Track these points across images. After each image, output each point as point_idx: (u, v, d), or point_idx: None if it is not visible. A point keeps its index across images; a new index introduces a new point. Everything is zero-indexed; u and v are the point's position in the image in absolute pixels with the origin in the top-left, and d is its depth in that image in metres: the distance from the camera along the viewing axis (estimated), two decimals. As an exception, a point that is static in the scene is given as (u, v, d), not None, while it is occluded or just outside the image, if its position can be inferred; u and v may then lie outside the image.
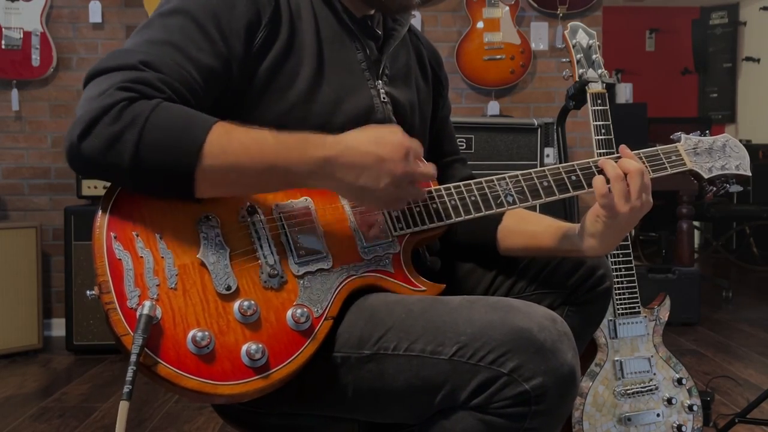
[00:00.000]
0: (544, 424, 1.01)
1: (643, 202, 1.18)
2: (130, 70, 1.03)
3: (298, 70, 1.19)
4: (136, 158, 0.98)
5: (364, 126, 1.12)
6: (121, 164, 0.98)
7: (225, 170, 1.02)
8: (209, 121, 1.03)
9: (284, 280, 1.07)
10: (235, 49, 1.13)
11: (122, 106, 0.99)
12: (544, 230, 1.31)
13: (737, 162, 1.37)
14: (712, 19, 6.85)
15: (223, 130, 1.02)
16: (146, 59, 1.04)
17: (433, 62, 1.49)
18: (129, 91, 1.00)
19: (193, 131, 1.01)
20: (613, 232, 1.20)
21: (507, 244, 1.37)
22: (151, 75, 1.03)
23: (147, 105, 1.00)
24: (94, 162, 0.99)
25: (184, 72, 1.07)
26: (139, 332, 0.94)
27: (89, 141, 0.98)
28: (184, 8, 1.11)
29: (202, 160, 1.00)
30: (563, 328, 1.03)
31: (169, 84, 1.04)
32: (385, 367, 1.06)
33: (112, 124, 0.98)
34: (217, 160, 1.01)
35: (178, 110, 1.02)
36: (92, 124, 0.98)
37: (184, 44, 1.09)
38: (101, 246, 1.01)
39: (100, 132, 0.98)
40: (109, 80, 1.01)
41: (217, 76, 1.12)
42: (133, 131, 0.98)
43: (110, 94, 0.99)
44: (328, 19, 1.26)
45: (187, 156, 1.00)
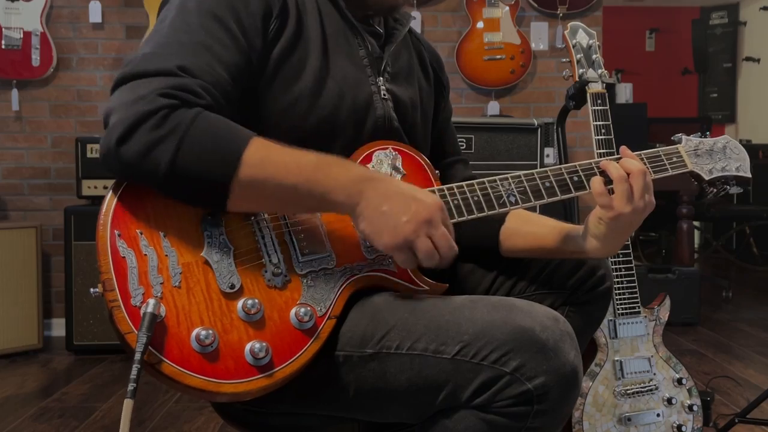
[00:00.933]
0: (546, 424, 1.01)
1: (645, 203, 1.18)
2: (170, 76, 1.02)
3: (305, 63, 1.19)
4: (173, 165, 0.98)
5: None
6: (158, 170, 0.98)
7: (262, 182, 1.02)
8: (248, 133, 1.03)
9: (288, 279, 1.07)
10: (255, 43, 1.14)
11: (164, 113, 0.99)
12: (548, 232, 1.31)
13: (737, 164, 1.38)
14: (712, 19, 6.85)
15: (261, 144, 1.03)
16: (183, 64, 1.04)
17: (435, 64, 1.50)
18: (171, 98, 1.00)
19: (233, 141, 1.01)
20: (617, 233, 1.21)
21: (510, 246, 1.37)
22: (191, 81, 1.03)
23: (188, 113, 1.00)
24: (131, 167, 0.99)
25: (217, 74, 1.07)
26: (143, 330, 0.94)
27: (128, 146, 0.98)
28: (203, 6, 1.12)
29: (240, 170, 1.00)
30: (566, 327, 1.03)
31: (207, 90, 1.05)
32: (387, 367, 1.06)
33: (153, 130, 0.98)
34: (256, 171, 1.01)
35: (218, 120, 1.03)
36: (132, 129, 0.98)
37: (212, 44, 1.09)
38: (105, 244, 1.01)
39: (141, 138, 0.98)
40: (149, 85, 1.01)
41: (242, 72, 1.12)
42: (174, 139, 0.98)
43: (151, 100, 0.99)
44: (331, 14, 1.27)
45: (226, 165, 1.00)
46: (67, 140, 3.68)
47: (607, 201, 1.17)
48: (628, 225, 1.20)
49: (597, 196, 1.17)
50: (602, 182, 1.18)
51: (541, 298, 1.34)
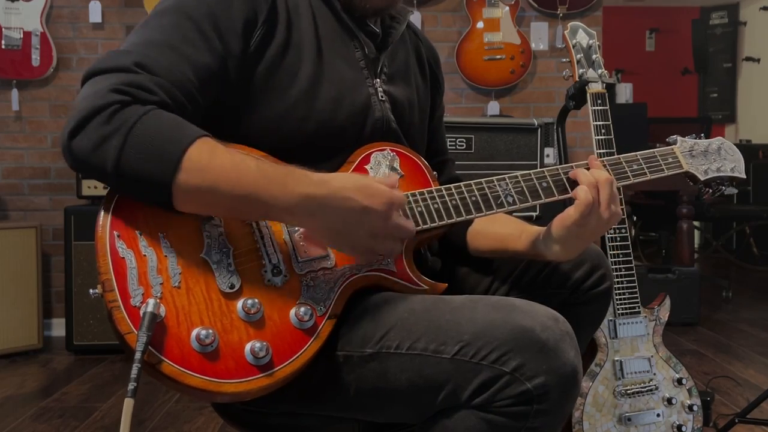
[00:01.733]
0: (545, 423, 1.01)
1: (611, 213, 1.19)
2: (125, 72, 1.02)
3: (298, 68, 1.19)
4: (118, 163, 0.98)
5: (351, 173, 1.12)
6: (105, 167, 0.98)
7: (201, 190, 1.00)
8: (193, 135, 1.01)
9: (287, 278, 1.07)
10: (232, 47, 1.13)
11: (114, 109, 0.99)
12: (510, 233, 1.32)
13: (732, 165, 1.39)
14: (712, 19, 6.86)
15: (206, 148, 1.01)
16: (141, 61, 1.04)
17: (432, 61, 1.50)
18: (122, 94, 1.00)
19: (175, 144, 0.99)
20: (579, 240, 1.21)
21: (475, 246, 1.39)
22: (145, 78, 1.03)
23: (137, 110, 0.99)
24: (82, 160, 1.00)
25: (179, 73, 1.07)
26: (143, 330, 0.94)
27: (79, 139, 0.98)
28: (180, 7, 1.11)
29: (178, 176, 0.99)
30: (566, 327, 1.03)
31: (163, 87, 1.04)
32: (387, 366, 1.06)
33: (101, 127, 0.98)
34: (194, 178, 0.99)
35: (166, 119, 1.01)
36: (83, 123, 0.98)
37: (180, 44, 1.08)
38: (104, 244, 1.01)
39: (89, 132, 0.98)
40: (105, 81, 1.01)
41: (213, 75, 1.11)
42: (119, 136, 0.98)
43: (103, 96, 0.99)
44: (326, 17, 1.26)
45: (165, 169, 0.98)
46: (67, 140, 3.67)
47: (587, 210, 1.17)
48: (592, 233, 1.20)
49: (584, 206, 1.17)
50: (588, 192, 1.18)
51: (541, 297, 1.33)
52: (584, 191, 1.18)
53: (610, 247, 1.90)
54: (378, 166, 1.24)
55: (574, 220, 1.18)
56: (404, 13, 1.38)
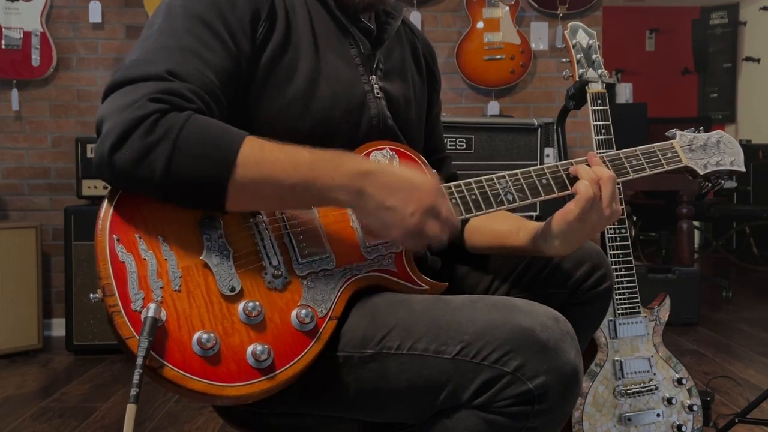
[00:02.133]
0: (546, 423, 1.01)
1: (612, 210, 1.19)
2: (159, 81, 1.02)
3: (296, 66, 1.19)
4: (168, 170, 0.98)
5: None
6: (153, 176, 0.98)
7: (258, 182, 1.02)
8: (242, 134, 1.03)
9: (288, 280, 1.07)
10: (243, 46, 1.13)
11: (155, 118, 0.98)
12: (508, 229, 1.32)
13: (731, 158, 1.39)
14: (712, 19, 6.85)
15: (256, 144, 1.03)
16: (172, 68, 1.04)
17: (428, 57, 1.50)
18: (161, 103, 1.00)
19: (226, 142, 1.01)
20: (579, 235, 1.21)
21: (473, 242, 1.39)
22: (180, 85, 1.03)
23: (180, 117, 0.99)
24: (126, 174, 0.99)
25: (206, 78, 1.07)
26: (144, 335, 0.94)
27: (121, 153, 0.97)
28: (190, 10, 1.11)
29: (236, 171, 1.00)
30: (566, 327, 1.03)
31: (197, 93, 1.04)
32: (387, 367, 1.06)
33: (145, 136, 0.97)
34: (251, 171, 1.01)
35: (209, 122, 1.02)
36: (125, 136, 0.97)
37: (200, 49, 1.08)
38: (104, 248, 1.00)
39: (133, 144, 0.97)
40: (139, 91, 1.00)
41: (231, 76, 1.12)
42: (167, 143, 0.97)
43: (141, 105, 0.98)
44: (321, 15, 1.26)
45: (221, 167, 0.99)
46: (67, 140, 3.68)
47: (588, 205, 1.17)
48: (591, 229, 1.21)
49: (585, 201, 1.17)
50: (589, 187, 1.18)
51: (541, 297, 1.33)
52: (585, 185, 1.18)
53: (610, 247, 1.90)
54: None
55: (575, 215, 1.18)
56: (399, 9, 1.37)
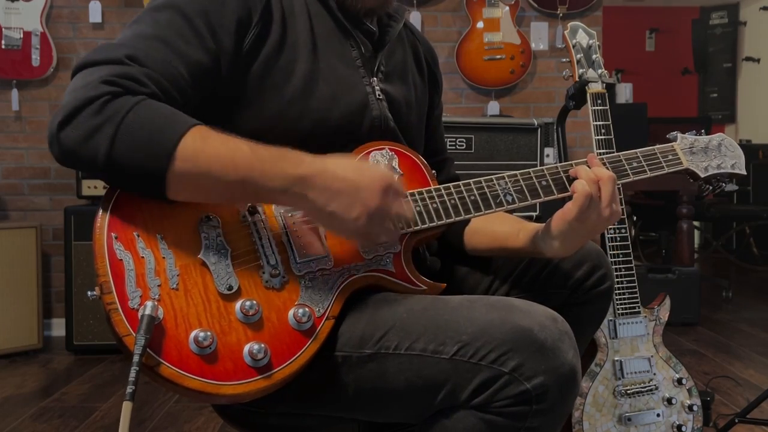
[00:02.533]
0: (544, 423, 1.01)
1: (612, 211, 1.19)
2: (116, 64, 1.03)
3: (293, 67, 1.19)
4: (110, 154, 0.98)
5: (348, 155, 1.12)
6: (96, 158, 0.98)
7: (196, 176, 1.01)
8: (187, 123, 1.02)
9: (286, 280, 1.07)
10: (225, 44, 1.13)
11: (105, 99, 0.99)
12: (508, 230, 1.32)
13: (733, 161, 1.39)
14: (712, 19, 6.85)
15: (199, 135, 1.01)
16: (132, 53, 1.05)
17: (429, 59, 1.50)
18: (113, 86, 1.00)
19: (168, 132, 1.00)
20: (578, 236, 1.21)
21: (473, 244, 1.39)
22: (137, 70, 1.03)
23: (129, 101, 1.00)
24: (71, 152, 0.99)
25: (171, 67, 1.07)
26: (141, 333, 0.94)
27: (68, 131, 0.98)
28: (173, 3, 1.12)
29: (173, 163, 0.99)
30: (564, 327, 1.03)
31: (154, 79, 1.04)
32: (386, 367, 1.06)
33: (92, 117, 0.98)
34: (189, 165, 1.00)
35: (158, 108, 1.02)
36: (73, 114, 0.98)
37: (172, 39, 1.09)
38: (102, 246, 1.00)
39: (80, 123, 0.98)
40: (95, 73, 1.02)
41: (205, 72, 1.11)
42: (111, 126, 0.98)
43: (94, 87, 0.99)
44: (322, 16, 1.26)
45: (159, 157, 0.99)
46: (67, 140, 3.68)
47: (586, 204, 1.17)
48: (591, 230, 1.20)
49: (583, 198, 1.16)
50: (586, 186, 1.17)
51: (541, 297, 1.33)
52: (582, 184, 1.17)
53: (610, 247, 1.90)
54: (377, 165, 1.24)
55: (573, 214, 1.17)
56: (401, 12, 1.38)
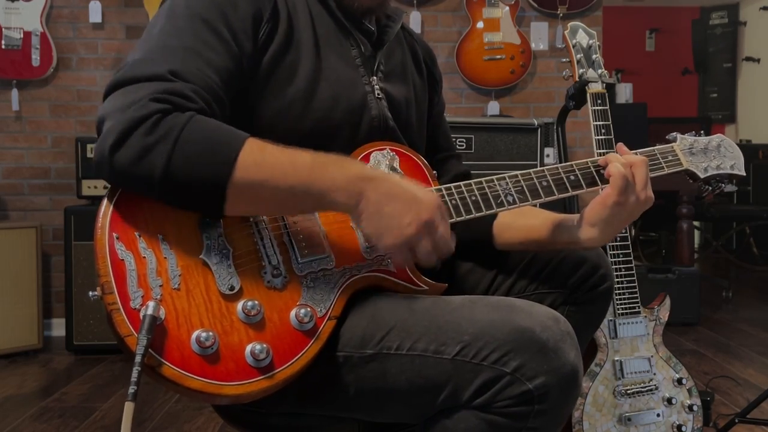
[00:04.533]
0: (546, 424, 1.01)
1: (647, 196, 1.21)
2: (161, 81, 1.02)
3: (297, 66, 1.19)
4: (168, 170, 0.97)
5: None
6: (153, 176, 0.98)
7: (258, 185, 1.01)
8: (242, 135, 1.02)
9: (287, 280, 1.07)
10: (245, 47, 1.13)
11: (157, 118, 0.98)
12: (541, 223, 1.32)
13: (732, 162, 1.39)
14: (712, 19, 6.85)
15: (256, 145, 1.02)
16: (174, 68, 1.04)
17: (428, 59, 1.50)
18: (163, 103, 0.99)
19: (227, 144, 1.00)
20: (615, 222, 1.22)
21: (504, 240, 1.38)
22: (182, 86, 1.03)
23: (181, 118, 0.99)
24: (125, 173, 0.99)
25: (208, 78, 1.07)
26: (143, 333, 0.94)
27: (122, 152, 0.97)
28: (191, 9, 1.11)
29: (235, 173, 0.99)
30: (566, 327, 1.03)
31: (199, 94, 1.04)
32: (387, 367, 1.06)
33: (146, 136, 0.97)
34: (251, 174, 1.00)
35: (211, 123, 1.02)
36: (126, 134, 0.97)
37: (201, 48, 1.08)
38: (103, 247, 1.00)
39: (134, 143, 0.97)
40: (141, 91, 1.00)
41: (232, 76, 1.12)
42: (167, 143, 0.97)
43: (143, 105, 0.98)
44: (322, 16, 1.26)
45: (221, 168, 0.99)
46: (67, 140, 3.68)
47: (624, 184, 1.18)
48: (628, 215, 1.21)
49: (620, 178, 1.18)
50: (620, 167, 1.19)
51: (542, 297, 1.34)
52: (616, 167, 1.19)
53: (610, 247, 1.90)
54: (378, 165, 1.24)
55: (614, 198, 1.19)
56: (399, 13, 1.38)
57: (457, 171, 1.48)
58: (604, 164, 1.23)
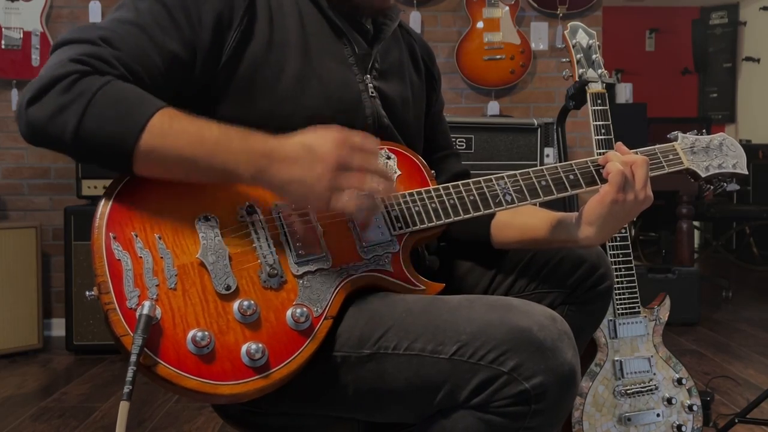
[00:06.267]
0: (543, 423, 1.01)
1: (647, 195, 1.21)
2: (88, 44, 1.05)
3: (283, 66, 1.19)
4: (77, 130, 0.99)
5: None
6: (64, 135, 0.99)
7: (163, 152, 1.02)
8: (156, 104, 1.03)
9: (284, 279, 1.07)
10: (202, 39, 1.13)
11: (74, 78, 1.00)
12: (539, 222, 1.32)
13: (734, 161, 1.38)
14: (712, 19, 6.85)
15: (167, 115, 1.03)
16: (107, 36, 1.06)
17: (426, 58, 1.50)
18: (82, 64, 1.02)
19: (137, 111, 1.01)
20: (614, 220, 1.21)
21: (501, 238, 1.38)
22: (107, 51, 1.05)
23: (97, 80, 1.01)
24: (38, 129, 1.01)
25: (143, 54, 1.08)
26: (138, 332, 0.94)
27: (36, 107, 1.00)
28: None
29: (141, 141, 1.00)
30: (563, 327, 1.03)
31: (123, 62, 1.06)
32: (385, 367, 1.06)
33: (61, 94, 0.99)
34: (156, 141, 1.01)
35: (127, 88, 1.03)
36: (43, 92, 1.00)
37: (151, 27, 1.10)
38: (100, 246, 1.01)
39: (48, 101, 1.00)
40: (67, 52, 1.04)
41: (180, 64, 1.12)
42: (80, 104, 0.99)
43: (63, 65, 1.01)
44: (312, 14, 1.26)
45: (128, 133, 1.00)
46: (66, 140, 3.67)
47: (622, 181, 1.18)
48: (626, 213, 1.21)
49: (617, 175, 1.18)
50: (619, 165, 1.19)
51: (541, 296, 1.34)
52: (615, 165, 1.19)
53: (610, 247, 1.90)
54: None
55: (612, 196, 1.19)
56: (395, 11, 1.38)
57: (455, 170, 1.48)
58: (603, 163, 1.23)
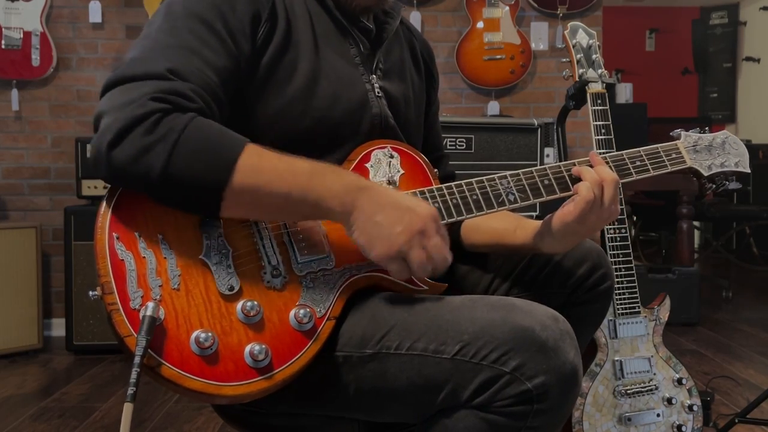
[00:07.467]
0: (545, 423, 1.01)
1: (612, 212, 1.20)
2: (160, 80, 1.02)
3: (296, 65, 1.19)
4: (166, 170, 0.97)
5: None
6: (151, 175, 0.97)
7: (255, 189, 1.01)
8: (242, 139, 1.03)
9: (287, 280, 1.07)
10: (243, 47, 1.13)
11: (157, 117, 0.98)
12: (506, 228, 1.32)
13: (737, 159, 1.38)
14: (712, 19, 6.85)
15: (255, 150, 1.02)
16: (173, 67, 1.03)
17: (426, 56, 1.50)
18: (163, 102, 0.99)
19: (226, 147, 1.00)
20: (576, 235, 1.22)
21: (471, 240, 1.39)
22: (182, 85, 1.02)
23: (182, 119, 0.99)
24: (122, 171, 0.98)
25: (207, 78, 1.07)
26: (142, 333, 0.94)
27: (119, 150, 0.97)
28: (190, 9, 1.11)
29: (233, 177, 0.99)
30: (565, 326, 1.03)
31: (199, 93, 1.04)
32: (387, 367, 1.06)
33: (145, 135, 0.97)
34: (249, 179, 1.00)
35: (212, 126, 1.02)
36: (125, 132, 0.97)
37: (199, 48, 1.08)
38: (103, 247, 1.00)
39: (133, 141, 0.97)
40: (140, 89, 1.00)
41: (231, 75, 1.11)
42: (167, 143, 0.97)
43: (143, 104, 0.98)
44: (320, 15, 1.26)
45: (219, 171, 0.99)
46: (66, 140, 3.68)
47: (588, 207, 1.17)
48: (589, 229, 1.21)
49: (585, 203, 1.17)
50: (591, 189, 1.18)
51: (541, 297, 1.33)
52: (586, 188, 1.18)
53: (610, 246, 1.90)
54: (378, 164, 1.24)
55: (574, 217, 1.18)
56: (398, 9, 1.38)
57: (446, 171, 1.49)
58: (577, 174, 1.22)
